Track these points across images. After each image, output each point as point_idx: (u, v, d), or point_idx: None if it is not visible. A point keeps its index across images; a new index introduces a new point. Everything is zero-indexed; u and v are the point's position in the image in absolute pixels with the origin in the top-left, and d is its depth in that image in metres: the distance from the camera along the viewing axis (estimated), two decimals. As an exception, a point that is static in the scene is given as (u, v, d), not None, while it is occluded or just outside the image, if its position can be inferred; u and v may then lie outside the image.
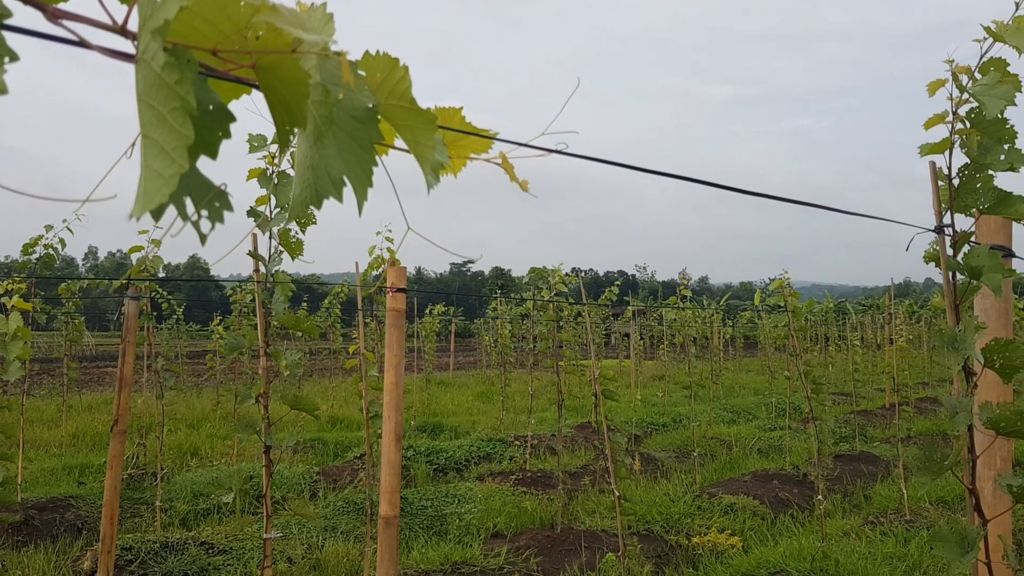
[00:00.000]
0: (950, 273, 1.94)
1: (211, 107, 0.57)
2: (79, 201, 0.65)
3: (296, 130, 0.63)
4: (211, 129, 0.56)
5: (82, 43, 0.55)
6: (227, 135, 0.58)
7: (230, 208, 0.56)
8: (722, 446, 10.89)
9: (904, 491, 7.48)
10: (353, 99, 0.64)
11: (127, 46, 0.57)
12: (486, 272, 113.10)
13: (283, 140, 0.62)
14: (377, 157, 0.95)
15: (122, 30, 0.55)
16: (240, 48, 0.58)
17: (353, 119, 0.64)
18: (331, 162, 0.63)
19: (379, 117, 0.68)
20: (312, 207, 0.62)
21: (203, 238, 0.55)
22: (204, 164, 0.60)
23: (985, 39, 1.91)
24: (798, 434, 11.20)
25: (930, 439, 2.33)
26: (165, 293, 15.11)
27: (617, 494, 4.54)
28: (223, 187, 0.56)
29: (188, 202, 0.53)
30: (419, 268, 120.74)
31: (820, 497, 6.38)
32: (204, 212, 0.54)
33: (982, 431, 1.91)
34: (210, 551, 5.90)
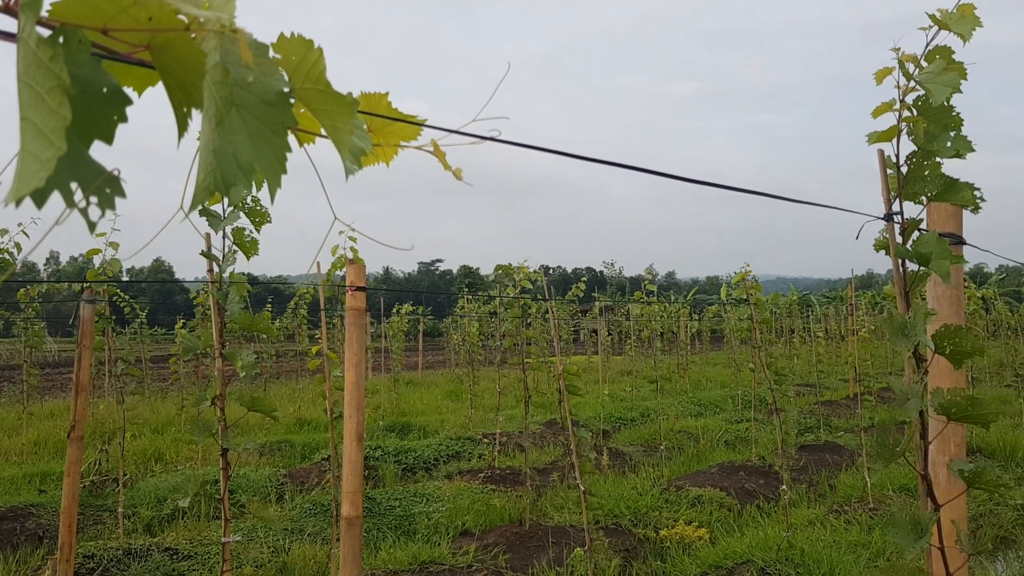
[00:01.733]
0: (900, 260, 1.95)
1: (105, 90, 0.54)
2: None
3: (198, 114, 0.61)
4: (105, 113, 0.54)
5: (-37, 23, 0.53)
6: (123, 119, 0.55)
7: (122, 194, 0.54)
8: (689, 439, 10.96)
9: (868, 480, 7.57)
10: (263, 83, 0.62)
11: (15, 26, 0.54)
12: (454, 271, 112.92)
13: (180, 122, 0.59)
14: (304, 146, 0.93)
15: (6, 7, 0.53)
16: (132, 27, 0.56)
17: (264, 103, 0.62)
18: (239, 147, 0.60)
19: (293, 101, 0.66)
20: (218, 192, 0.60)
21: (91, 226, 0.52)
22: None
23: (931, 27, 1.92)
24: (764, 426, 11.30)
25: (883, 426, 2.35)
26: (127, 297, 14.91)
27: (583, 489, 4.53)
28: (116, 172, 0.53)
29: (75, 188, 0.51)
30: (387, 268, 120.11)
31: (785, 487, 6.43)
32: (93, 199, 0.52)
33: (934, 417, 1.92)
34: (174, 556, 5.83)
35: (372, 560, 5.98)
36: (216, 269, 3.04)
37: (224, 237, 3.04)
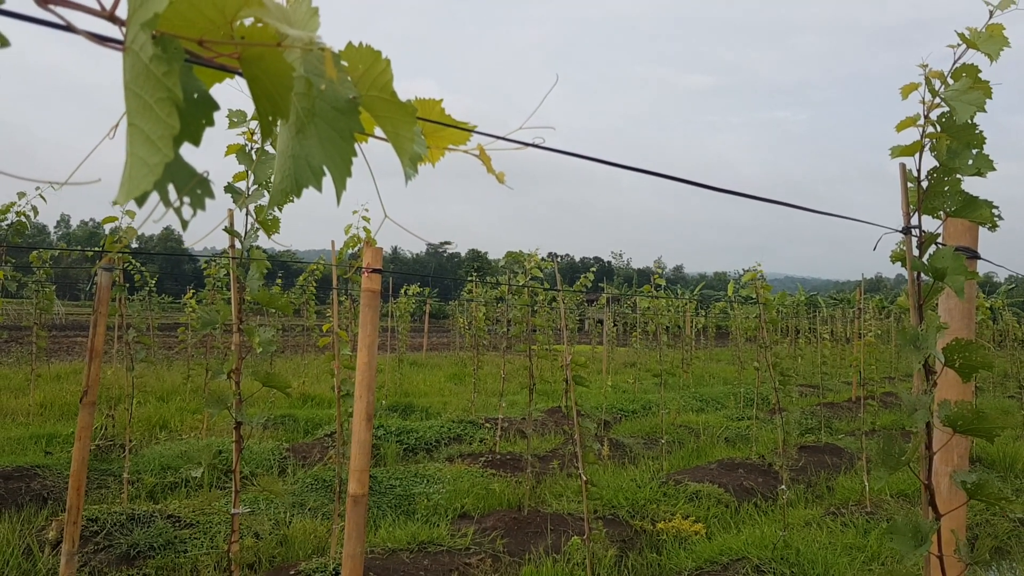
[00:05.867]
0: (915, 273, 1.98)
1: (196, 95, 0.58)
2: (60, 183, 0.66)
3: (279, 121, 0.64)
4: (195, 117, 0.58)
5: (69, 28, 0.56)
6: (210, 123, 0.59)
7: (211, 195, 0.58)
8: (690, 434, 11.01)
9: (866, 483, 7.61)
10: (335, 90, 0.66)
11: (115, 32, 0.58)
12: (463, 254, 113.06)
13: (266, 130, 0.63)
14: (356, 146, 0.97)
15: (110, 16, 0.57)
16: (227, 39, 0.59)
17: (334, 110, 0.66)
18: (311, 152, 0.64)
19: (360, 108, 0.70)
20: (292, 195, 0.64)
21: (184, 224, 0.56)
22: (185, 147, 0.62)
23: (959, 45, 1.95)
24: (765, 424, 11.34)
25: (889, 434, 2.38)
26: (138, 264, 15.00)
27: (584, 479, 4.58)
28: (205, 174, 0.57)
29: (171, 189, 0.55)
30: (395, 248, 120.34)
31: (783, 487, 6.48)
32: (186, 199, 0.56)
33: (940, 428, 1.96)
34: (177, 524, 5.90)
35: (372, 537, 6.04)
36: (238, 245, 3.08)
37: (247, 214, 3.08)
